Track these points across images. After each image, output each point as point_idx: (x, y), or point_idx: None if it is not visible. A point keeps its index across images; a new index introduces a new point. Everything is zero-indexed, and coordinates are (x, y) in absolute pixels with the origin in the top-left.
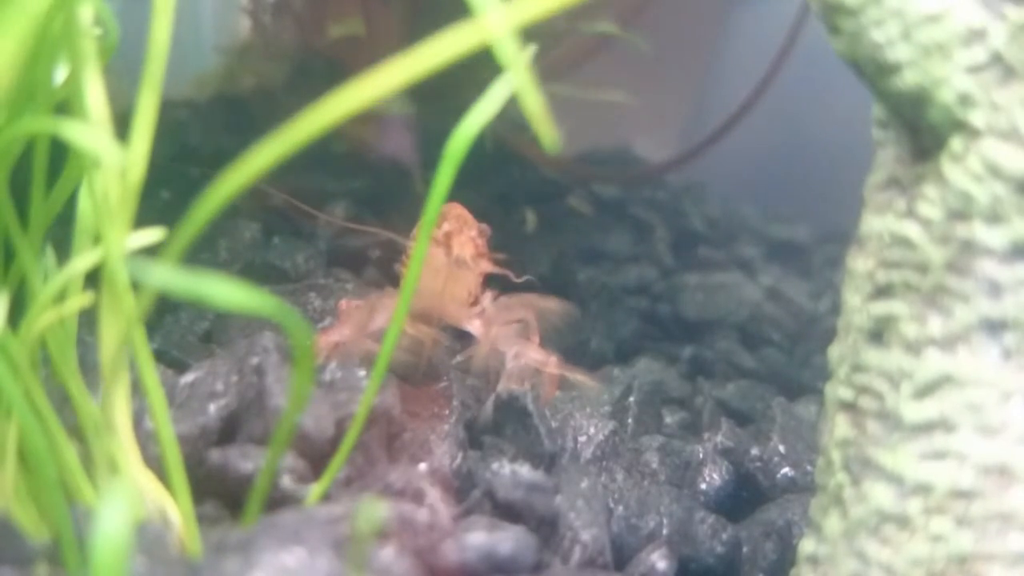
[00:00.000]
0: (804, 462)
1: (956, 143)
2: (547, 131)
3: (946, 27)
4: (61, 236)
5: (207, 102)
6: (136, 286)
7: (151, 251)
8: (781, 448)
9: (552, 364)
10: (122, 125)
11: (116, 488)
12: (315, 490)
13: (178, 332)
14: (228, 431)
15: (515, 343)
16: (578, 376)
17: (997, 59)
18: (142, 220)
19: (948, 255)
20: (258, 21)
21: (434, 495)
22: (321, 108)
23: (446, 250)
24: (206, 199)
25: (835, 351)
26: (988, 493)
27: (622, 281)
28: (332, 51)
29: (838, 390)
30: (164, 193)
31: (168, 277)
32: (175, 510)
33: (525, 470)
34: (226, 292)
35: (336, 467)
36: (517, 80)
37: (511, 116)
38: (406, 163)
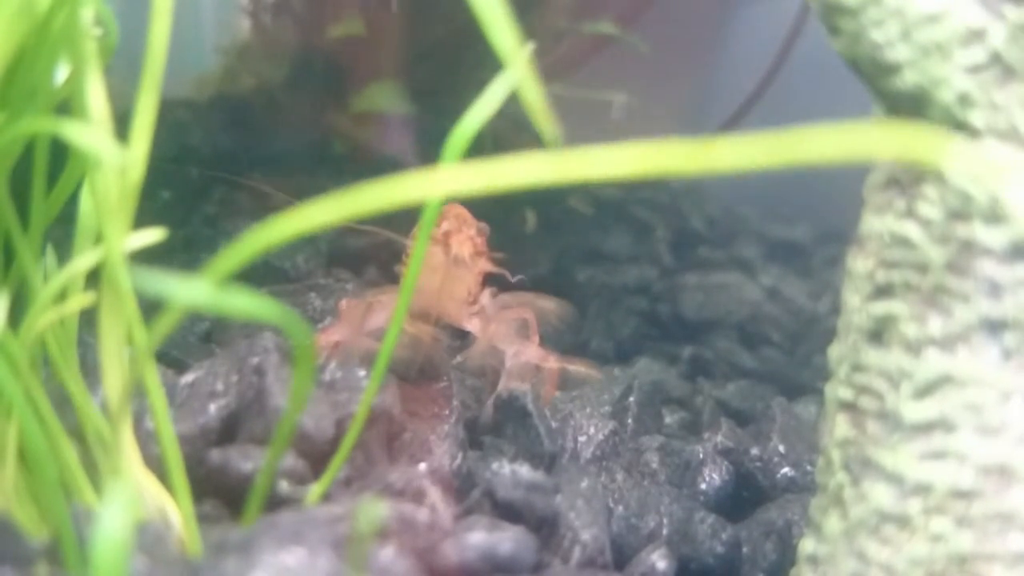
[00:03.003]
0: (804, 462)
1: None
2: (547, 126)
3: (946, 27)
4: (61, 236)
5: (207, 102)
6: (156, 301)
7: (153, 251)
8: (781, 448)
9: (552, 360)
10: (122, 125)
11: (116, 488)
12: (315, 490)
13: (178, 332)
14: (228, 431)
15: (514, 341)
16: (579, 368)
17: (997, 59)
18: (143, 220)
19: (948, 255)
20: (258, 21)
21: (434, 495)
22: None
23: (445, 249)
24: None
25: (835, 351)
26: (988, 493)
27: (622, 281)
28: (332, 51)
29: (838, 390)
30: (164, 193)
31: (168, 285)
32: (175, 510)
33: (525, 470)
34: (229, 299)
35: (336, 467)
36: (517, 75)
37: (511, 115)
38: (406, 163)
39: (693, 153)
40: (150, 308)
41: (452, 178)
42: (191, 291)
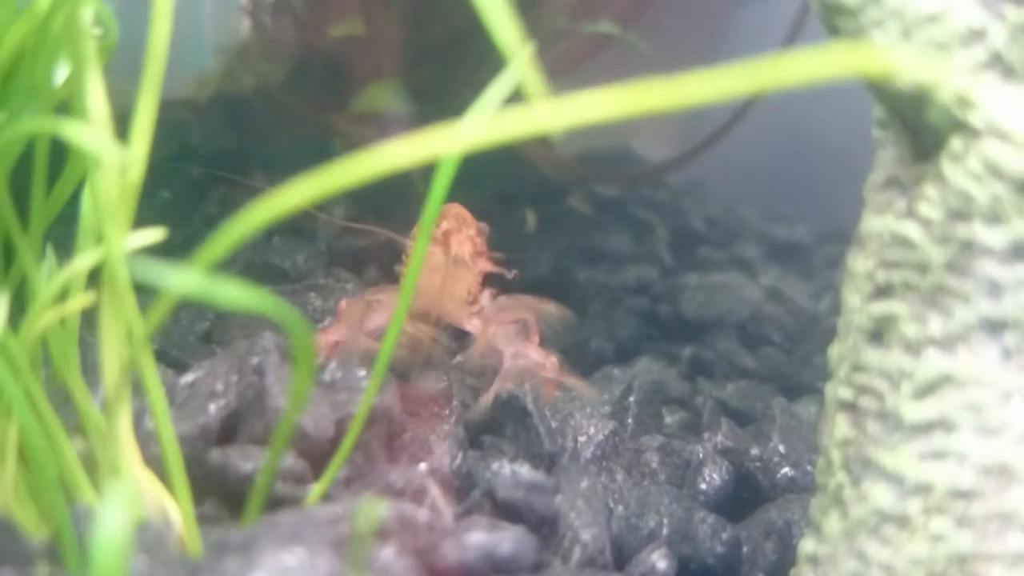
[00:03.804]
0: (804, 462)
1: (956, 143)
2: None
3: (946, 27)
4: (61, 236)
5: (207, 102)
6: (154, 292)
7: (153, 251)
8: (781, 448)
9: (550, 366)
10: (122, 125)
11: (116, 488)
12: (315, 490)
13: (178, 332)
14: (228, 431)
15: (514, 342)
16: (575, 382)
17: (997, 59)
18: (143, 220)
19: (948, 255)
20: (258, 21)
21: (434, 495)
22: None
23: (444, 249)
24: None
25: (835, 351)
26: (988, 493)
27: (622, 281)
28: (332, 51)
29: (838, 390)
30: (164, 193)
31: (171, 278)
32: (175, 510)
33: (525, 470)
34: (228, 292)
35: (336, 467)
36: (519, 70)
37: None
38: None
39: (668, 90)
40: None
41: (430, 142)
42: (183, 277)
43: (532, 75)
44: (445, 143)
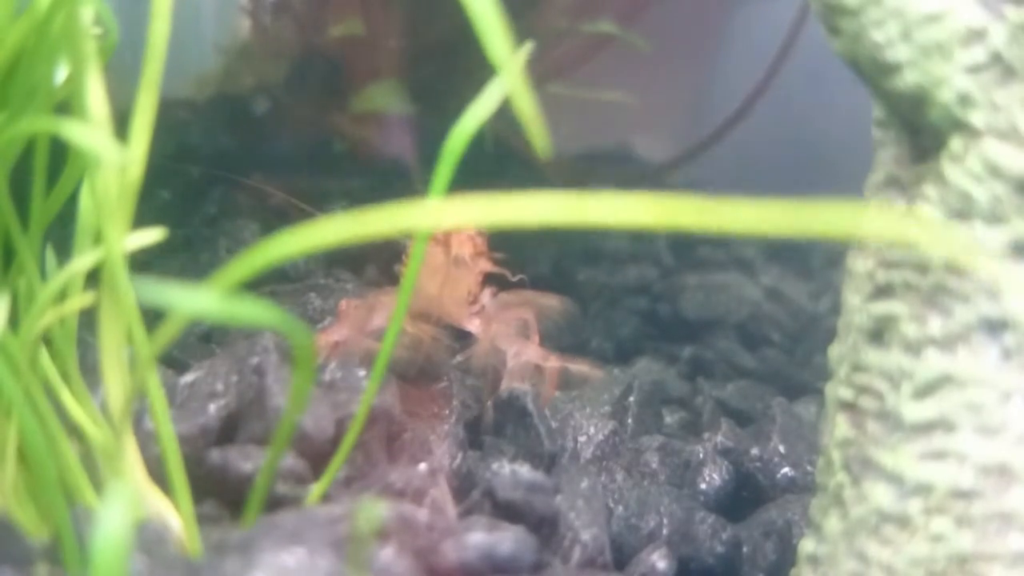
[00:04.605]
0: (804, 462)
1: (956, 143)
2: (539, 134)
3: (946, 27)
4: (61, 236)
5: (207, 102)
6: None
7: (153, 251)
8: (781, 448)
9: (553, 360)
10: (122, 125)
11: (116, 488)
12: (315, 490)
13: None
14: (228, 431)
15: (515, 341)
16: (581, 367)
17: (997, 59)
18: (143, 220)
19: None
20: (258, 21)
21: (436, 495)
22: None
23: (445, 249)
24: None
25: (835, 351)
26: (988, 493)
27: (622, 281)
28: (332, 51)
29: (838, 390)
30: (164, 193)
31: (173, 296)
32: (175, 510)
33: (525, 470)
34: (238, 310)
35: (336, 467)
36: (509, 82)
37: (511, 115)
38: (406, 162)
39: (702, 211)
40: (151, 308)
41: (463, 211)
42: (197, 301)
43: (521, 87)
44: (473, 217)
